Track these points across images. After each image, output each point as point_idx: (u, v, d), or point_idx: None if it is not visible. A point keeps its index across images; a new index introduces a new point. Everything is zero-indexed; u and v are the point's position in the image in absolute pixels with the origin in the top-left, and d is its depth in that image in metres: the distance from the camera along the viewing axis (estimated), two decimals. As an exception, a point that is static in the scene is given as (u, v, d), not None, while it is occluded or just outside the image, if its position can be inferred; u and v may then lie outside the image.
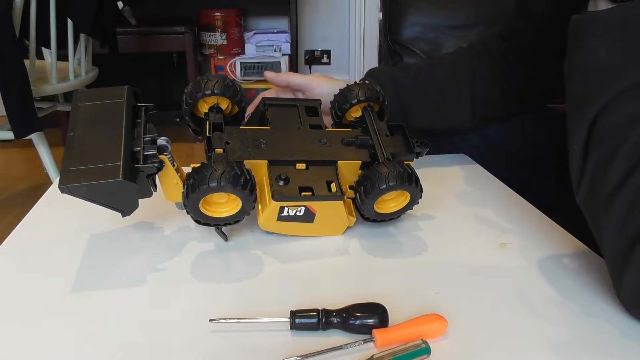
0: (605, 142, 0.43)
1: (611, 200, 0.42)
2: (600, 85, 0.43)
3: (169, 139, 0.51)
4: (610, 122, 0.43)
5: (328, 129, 0.60)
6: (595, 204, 0.44)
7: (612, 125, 0.42)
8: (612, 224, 0.42)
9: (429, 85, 0.74)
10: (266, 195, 0.53)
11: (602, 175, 0.43)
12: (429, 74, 0.75)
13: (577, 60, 0.46)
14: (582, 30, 0.45)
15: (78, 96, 0.53)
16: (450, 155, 0.80)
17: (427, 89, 0.73)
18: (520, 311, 0.45)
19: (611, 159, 0.42)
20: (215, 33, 2.55)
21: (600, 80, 0.43)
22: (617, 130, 0.42)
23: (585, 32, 0.45)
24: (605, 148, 0.43)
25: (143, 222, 0.58)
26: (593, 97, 0.43)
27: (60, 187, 0.44)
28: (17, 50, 1.36)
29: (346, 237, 0.56)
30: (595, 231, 0.45)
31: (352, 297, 0.44)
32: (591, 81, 0.44)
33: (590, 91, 0.44)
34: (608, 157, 0.43)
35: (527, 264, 0.52)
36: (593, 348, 0.40)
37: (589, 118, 0.44)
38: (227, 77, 0.58)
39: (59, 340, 0.41)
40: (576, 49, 0.46)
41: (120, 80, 0.96)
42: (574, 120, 0.46)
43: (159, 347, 0.40)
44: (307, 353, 0.38)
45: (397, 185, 0.52)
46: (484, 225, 0.59)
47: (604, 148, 0.43)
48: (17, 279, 0.49)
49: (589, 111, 0.44)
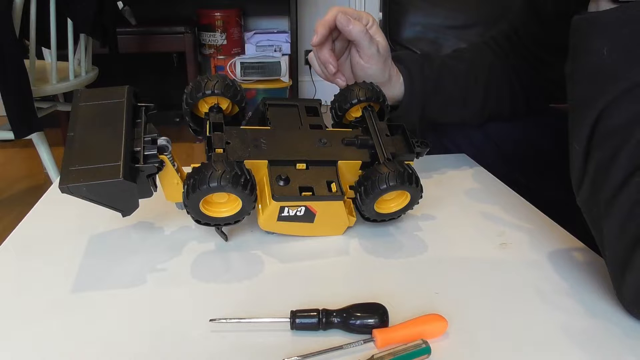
0: (607, 142, 0.43)
1: (613, 200, 0.42)
2: (602, 86, 0.43)
3: (169, 139, 0.51)
4: (612, 122, 0.42)
5: (328, 129, 0.60)
6: (596, 205, 0.44)
7: (614, 125, 0.42)
8: (613, 225, 0.42)
9: (450, 79, 0.73)
10: (266, 195, 0.53)
11: (604, 175, 0.43)
12: (451, 68, 0.74)
13: (579, 61, 0.46)
14: (583, 31, 0.45)
15: (78, 96, 0.53)
16: (451, 155, 0.80)
17: (449, 83, 0.73)
18: (521, 311, 0.45)
19: (613, 159, 0.42)
20: (215, 33, 2.55)
21: (602, 81, 0.43)
22: (619, 130, 0.42)
23: (586, 32, 0.45)
24: (608, 148, 0.43)
25: (143, 222, 0.58)
26: (595, 98, 0.43)
27: (60, 187, 0.44)
28: (17, 50, 1.36)
29: (346, 237, 0.56)
30: (596, 232, 0.45)
31: (352, 297, 0.44)
32: (593, 81, 0.44)
33: (592, 91, 0.44)
34: (610, 157, 0.42)
35: (527, 264, 0.51)
36: (593, 347, 0.40)
37: (592, 118, 0.44)
38: (227, 77, 0.58)
39: (59, 340, 0.41)
40: (578, 49, 0.46)
41: (120, 80, 0.96)
42: (576, 120, 0.46)
43: (159, 347, 0.40)
44: (307, 353, 0.38)
45: (397, 185, 0.52)
46: (484, 225, 0.59)
47: (606, 148, 0.43)
48: (17, 279, 0.49)
49: (591, 111, 0.44)
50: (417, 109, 0.72)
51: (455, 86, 0.73)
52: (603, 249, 0.45)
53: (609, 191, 0.42)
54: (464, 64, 0.75)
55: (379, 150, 0.56)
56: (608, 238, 0.43)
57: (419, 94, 0.70)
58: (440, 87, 0.73)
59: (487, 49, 0.78)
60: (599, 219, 0.44)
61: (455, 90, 0.74)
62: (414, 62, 0.72)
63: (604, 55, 0.43)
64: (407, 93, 0.70)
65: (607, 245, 0.44)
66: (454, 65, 0.75)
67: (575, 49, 0.46)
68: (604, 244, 0.44)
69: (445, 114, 0.75)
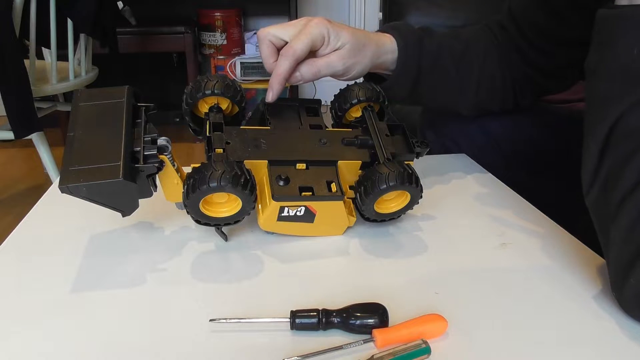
0: (625, 144, 0.42)
1: (623, 203, 0.41)
2: (628, 86, 0.41)
3: (169, 139, 0.51)
4: (632, 123, 0.41)
5: (328, 129, 0.60)
6: (606, 205, 0.43)
7: (633, 127, 0.41)
8: (621, 228, 0.42)
9: (449, 56, 0.71)
10: (266, 195, 0.53)
11: (617, 177, 0.42)
12: (449, 45, 0.72)
13: (605, 58, 0.44)
14: (612, 26, 0.43)
15: (78, 96, 0.53)
16: (451, 155, 0.80)
17: (447, 60, 0.71)
18: (521, 311, 0.45)
19: (629, 161, 0.41)
20: (215, 33, 2.55)
21: (629, 81, 0.41)
22: (637, 133, 0.41)
23: (616, 28, 0.42)
24: (624, 149, 0.42)
25: (143, 222, 0.58)
26: (620, 97, 0.42)
27: (60, 187, 0.44)
28: (17, 50, 1.36)
29: (346, 237, 0.56)
30: (602, 233, 0.45)
31: (352, 297, 0.44)
32: (619, 80, 0.42)
33: (616, 90, 0.42)
34: (625, 158, 0.41)
35: (527, 264, 0.51)
36: (593, 347, 0.40)
37: (613, 117, 0.42)
38: (227, 77, 0.58)
39: (59, 340, 0.41)
40: (604, 44, 0.43)
41: (120, 80, 0.96)
42: (594, 118, 0.44)
43: (159, 347, 0.40)
44: (307, 353, 0.38)
45: (397, 185, 0.52)
46: (484, 225, 0.59)
47: (623, 149, 0.42)
48: (17, 279, 0.49)
49: (613, 110, 0.42)
50: (408, 81, 0.68)
51: (452, 65, 0.71)
52: (607, 250, 0.44)
53: (620, 193, 0.41)
54: (462, 45, 0.72)
55: (379, 150, 0.56)
56: (614, 240, 0.43)
57: (412, 65, 0.67)
58: (439, 65, 0.70)
59: (482, 36, 0.75)
60: (607, 220, 0.43)
61: (453, 69, 0.71)
62: (410, 32, 0.69)
63: (633, 55, 0.41)
64: (400, 62, 0.67)
65: (611, 246, 0.43)
66: (452, 44, 0.72)
67: (602, 45, 0.44)
68: (609, 245, 0.44)
69: (435, 96, 0.73)
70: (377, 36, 0.66)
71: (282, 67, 0.58)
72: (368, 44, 0.63)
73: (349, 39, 0.61)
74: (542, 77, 0.73)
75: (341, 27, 0.61)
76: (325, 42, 0.60)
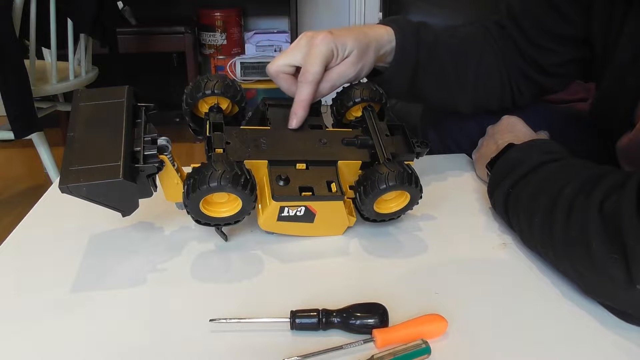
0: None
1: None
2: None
3: (169, 139, 0.51)
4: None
5: (328, 129, 0.60)
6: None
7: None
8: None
9: (445, 51, 0.71)
10: (266, 195, 0.53)
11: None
12: (445, 41, 0.71)
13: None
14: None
15: (78, 96, 0.53)
16: (451, 155, 0.80)
17: (443, 54, 0.71)
18: (521, 311, 0.45)
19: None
20: (215, 33, 2.55)
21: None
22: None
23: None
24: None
25: (143, 222, 0.58)
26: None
27: (60, 187, 0.44)
28: (17, 50, 1.36)
29: (346, 237, 0.56)
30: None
31: (352, 297, 0.44)
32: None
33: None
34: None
35: (527, 264, 0.52)
36: (593, 347, 0.40)
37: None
38: (227, 77, 0.58)
39: (59, 340, 0.41)
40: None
41: (120, 80, 0.96)
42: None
43: (159, 347, 0.40)
44: (307, 353, 0.38)
45: (397, 185, 0.52)
46: (484, 225, 0.59)
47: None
48: (17, 279, 0.49)
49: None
50: (407, 72, 0.68)
51: (449, 62, 0.71)
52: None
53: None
54: (457, 41, 0.72)
55: (379, 150, 0.56)
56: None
57: (411, 53, 0.67)
58: (436, 58, 0.70)
59: (479, 34, 0.75)
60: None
61: (450, 66, 0.71)
62: (408, 25, 0.69)
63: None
64: (398, 49, 0.66)
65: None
66: (448, 40, 0.72)
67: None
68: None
69: (433, 92, 0.72)
70: (372, 30, 0.66)
71: (305, 93, 0.58)
72: (370, 42, 0.64)
73: (355, 45, 0.61)
74: (540, 75, 0.74)
75: (343, 34, 0.61)
76: (335, 55, 0.60)
